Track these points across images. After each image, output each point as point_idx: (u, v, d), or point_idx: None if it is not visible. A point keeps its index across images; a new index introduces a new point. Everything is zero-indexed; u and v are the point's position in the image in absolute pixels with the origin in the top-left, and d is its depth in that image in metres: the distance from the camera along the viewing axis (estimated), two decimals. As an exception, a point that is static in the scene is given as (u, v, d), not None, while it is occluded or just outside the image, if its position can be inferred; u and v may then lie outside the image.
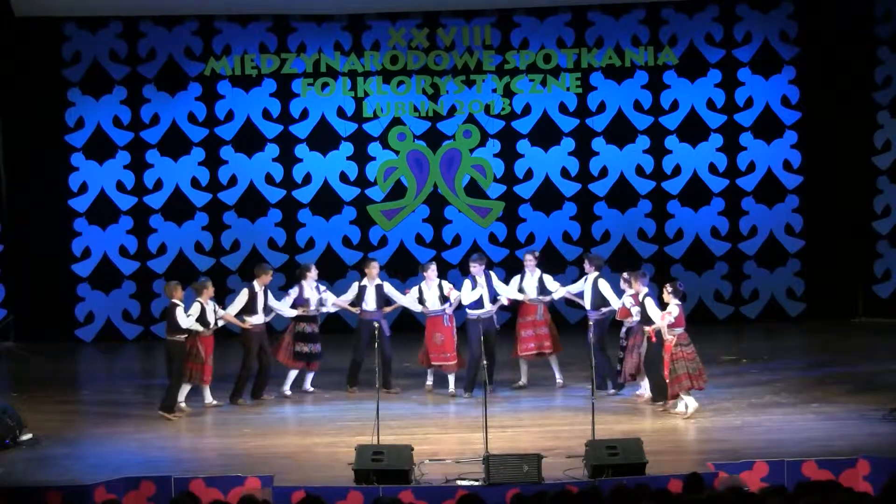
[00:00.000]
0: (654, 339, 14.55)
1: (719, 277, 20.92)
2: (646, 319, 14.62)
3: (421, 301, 15.97)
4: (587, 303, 15.67)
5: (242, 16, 20.57)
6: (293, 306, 15.94)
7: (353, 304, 16.24)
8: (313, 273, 16.17)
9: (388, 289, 16.18)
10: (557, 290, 15.96)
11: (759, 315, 20.88)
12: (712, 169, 20.86)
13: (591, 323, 15.22)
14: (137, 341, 20.62)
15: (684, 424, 14.08)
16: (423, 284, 16.03)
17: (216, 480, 11.58)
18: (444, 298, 15.85)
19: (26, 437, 13.78)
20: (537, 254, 16.23)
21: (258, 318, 15.67)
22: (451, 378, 15.92)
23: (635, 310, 14.91)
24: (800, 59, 20.74)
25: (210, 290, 15.34)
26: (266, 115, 20.73)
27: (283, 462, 12.81)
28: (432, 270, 16.03)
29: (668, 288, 14.51)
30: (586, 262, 15.88)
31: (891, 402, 14.13)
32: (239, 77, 20.68)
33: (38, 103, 20.48)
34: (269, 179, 20.77)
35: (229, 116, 20.71)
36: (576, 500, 9.12)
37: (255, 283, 15.74)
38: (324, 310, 16.27)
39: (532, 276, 16.03)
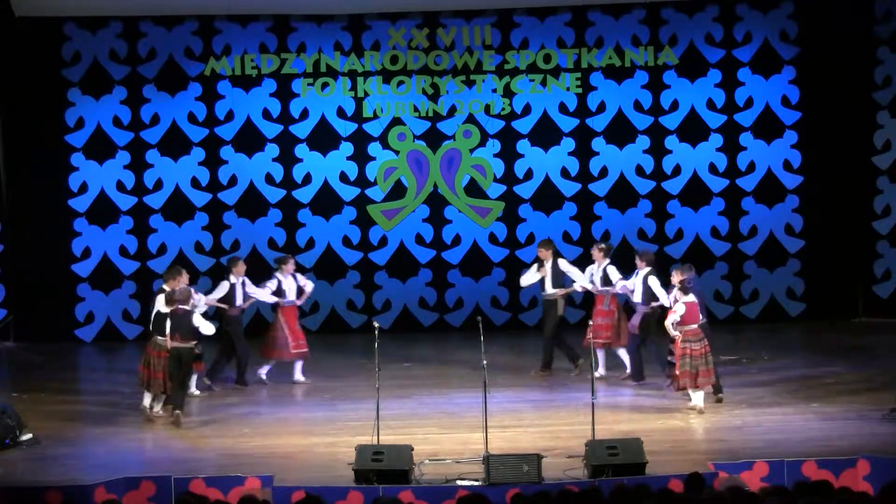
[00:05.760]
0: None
1: (719, 277, 20.89)
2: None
3: (279, 293, 16.74)
4: (637, 297, 16.09)
5: (242, 16, 20.55)
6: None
7: (223, 301, 16.56)
8: (290, 266, 16.99)
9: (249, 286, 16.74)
10: (617, 283, 16.46)
11: (759, 315, 20.85)
12: (712, 169, 20.84)
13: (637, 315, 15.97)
14: (137, 341, 20.53)
15: (684, 424, 14.09)
16: (280, 277, 16.82)
17: (216, 480, 11.58)
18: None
19: (26, 437, 13.78)
20: (603, 246, 16.89)
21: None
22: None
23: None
24: (800, 59, 20.72)
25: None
26: (266, 115, 20.72)
27: (283, 462, 12.83)
28: (291, 265, 16.99)
29: (676, 285, 14.76)
30: (637, 257, 16.33)
31: (891, 402, 14.14)
32: (239, 77, 20.66)
33: (38, 103, 20.47)
34: (269, 179, 20.76)
35: (229, 116, 20.70)
36: (576, 500, 9.12)
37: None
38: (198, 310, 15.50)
39: (599, 267, 16.71)
